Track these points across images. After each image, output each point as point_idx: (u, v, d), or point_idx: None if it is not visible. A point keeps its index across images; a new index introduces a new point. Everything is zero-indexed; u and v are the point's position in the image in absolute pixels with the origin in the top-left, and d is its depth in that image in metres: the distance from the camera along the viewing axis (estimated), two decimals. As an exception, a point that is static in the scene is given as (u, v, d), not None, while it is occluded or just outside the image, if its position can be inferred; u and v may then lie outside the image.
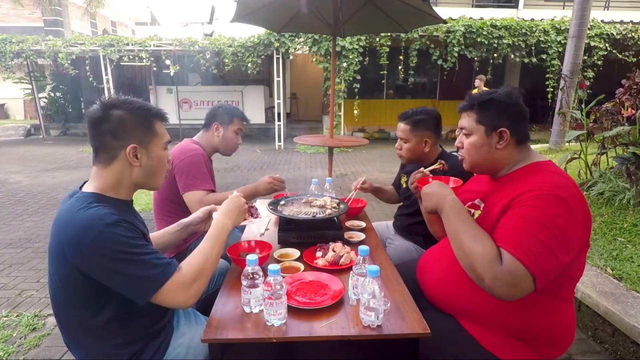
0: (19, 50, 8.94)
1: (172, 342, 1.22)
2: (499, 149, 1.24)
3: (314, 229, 1.65)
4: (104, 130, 1.08)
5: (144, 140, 1.12)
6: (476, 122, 1.26)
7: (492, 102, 1.24)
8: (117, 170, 1.10)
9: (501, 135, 1.23)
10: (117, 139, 1.08)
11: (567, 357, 1.99)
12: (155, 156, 1.15)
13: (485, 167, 1.30)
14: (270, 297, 1.05)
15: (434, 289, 1.34)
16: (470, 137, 1.28)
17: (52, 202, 4.82)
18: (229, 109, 2.11)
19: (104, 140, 1.09)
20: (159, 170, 1.18)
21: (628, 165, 3.20)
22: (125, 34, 17.54)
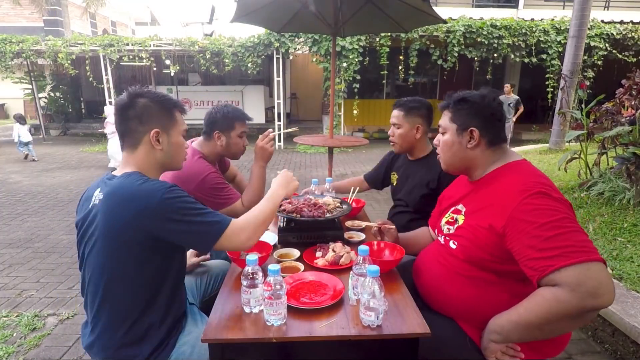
0: (19, 50, 8.95)
1: (178, 341, 1.24)
2: (469, 148, 1.26)
3: (314, 229, 1.65)
4: (130, 116, 1.21)
5: (166, 126, 1.25)
6: (450, 121, 1.30)
7: (465, 101, 1.27)
8: (143, 154, 1.23)
9: (471, 135, 1.25)
10: (142, 124, 1.21)
11: (567, 357, 1.99)
12: (175, 141, 1.28)
13: (457, 165, 1.32)
14: (270, 297, 1.05)
15: (429, 290, 1.34)
16: (445, 136, 1.32)
17: (52, 202, 4.82)
18: (227, 113, 1.94)
19: (130, 125, 1.21)
20: (178, 154, 1.31)
21: (628, 165, 3.20)
22: (125, 34, 17.54)
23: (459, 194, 1.38)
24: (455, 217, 1.32)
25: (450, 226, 1.33)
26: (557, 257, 0.98)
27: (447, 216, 1.37)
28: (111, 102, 8.97)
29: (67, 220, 4.14)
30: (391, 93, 11.76)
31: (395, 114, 1.98)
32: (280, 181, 1.44)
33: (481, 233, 1.17)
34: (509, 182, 1.17)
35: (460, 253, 1.24)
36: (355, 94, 8.96)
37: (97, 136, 10.47)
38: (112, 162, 6.74)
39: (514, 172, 1.20)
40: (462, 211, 1.30)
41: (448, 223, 1.35)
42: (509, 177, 1.19)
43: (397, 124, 1.97)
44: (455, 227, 1.30)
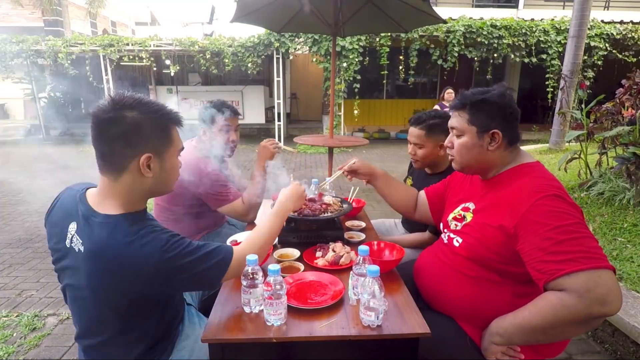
0: (19, 50, 8.94)
1: (176, 345, 1.23)
2: (490, 151, 1.22)
3: (314, 229, 1.65)
4: (114, 134, 0.95)
5: (160, 149, 1.01)
6: (468, 123, 1.23)
7: (485, 102, 1.21)
8: (128, 183, 1.00)
9: (493, 137, 1.21)
10: (130, 147, 0.97)
11: (567, 357, 1.99)
12: (169, 166, 1.06)
13: (475, 167, 1.29)
14: (270, 297, 1.05)
15: (430, 289, 1.34)
16: (462, 138, 1.26)
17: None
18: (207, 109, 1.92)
19: (113, 146, 0.96)
20: (171, 179, 1.10)
21: (628, 165, 3.19)
22: (125, 34, 17.53)
23: (469, 192, 1.36)
24: (463, 214, 1.31)
25: (457, 222, 1.32)
26: (568, 261, 0.97)
27: (455, 212, 1.35)
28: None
29: (67, 220, 4.13)
30: (391, 93, 11.76)
31: (416, 133, 1.84)
32: (288, 194, 1.39)
33: (489, 232, 1.16)
34: (522, 183, 1.15)
35: (464, 250, 1.23)
36: (355, 94, 8.95)
37: (97, 136, 10.45)
38: None
39: (527, 173, 1.19)
40: (471, 209, 1.29)
41: (455, 219, 1.34)
42: (522, 178, 1.18)
43: (419, 143, 1.84)
44: (462, 224, 1.29)
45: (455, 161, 1.31)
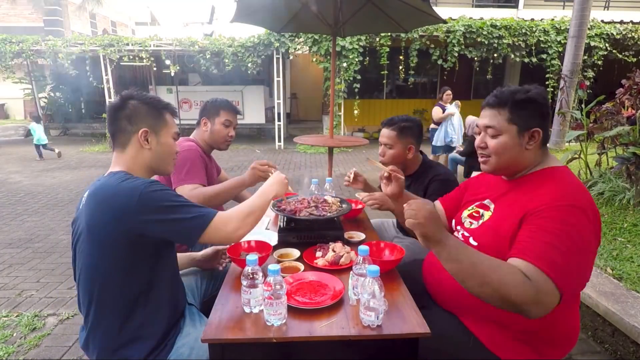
0: (19, 50, 8.94)
1: (176, 342, 1.24)
2: (528, 150, 1.19)
3: (314, 229, 1.65)
4: (120, 116, 1.24)
5: (155, 127, 1.26)
6: (508, 122, 1.18)
7: (530, 101, 1.17)
8: (131, 153, 1.24)
9: (532, 136, 1.17)
10: (130, 124, 1.23)
11: (567, 357, 1.99)
12: (165, 142, 1.29)
13: (511, 168, 1.24)
14: (270, 297, 1.05)
15: (438, 285, 1.33)
16: (499, 138, 1.20)
17: (52, 202, 4.82)
18: (215, 102, 2.08)
19: (120, 124, 1.24)
20: (168, 155, 1.31)
21: (628, 165, 3.20)
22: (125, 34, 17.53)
23: (487, 190, 1.34)
24: (481, 212, 1.28)
25: (473, 220, 1.30)
26: (549, 263, 0.99)
27: (471, 209, 1.33)
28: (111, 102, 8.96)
29: (67, 220, 4.14)
30: (391, 93, 11.76)
31: (387, 134, 1.93)
32: (271, 181, 1.45)
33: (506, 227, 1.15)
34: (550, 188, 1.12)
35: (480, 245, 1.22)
36: (355, 94, 8.96)
37: (97, 136, 10.47)
38: None
39: (556, 178, 1.16)
40: (490, 207, 1.27)
41: (471, 217, 1.32)
42: (551, 182, 1.15)
43: (389, 144, 1.93)
44: (480, 223, 1.26)
45: (489, 162, 1.24)
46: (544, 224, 1.04)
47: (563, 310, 1.14)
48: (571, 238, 1.01)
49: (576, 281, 1.05)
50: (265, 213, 1.35)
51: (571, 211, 1.04)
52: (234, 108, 2.11)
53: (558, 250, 1.00)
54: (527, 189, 1.18)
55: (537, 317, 0.99)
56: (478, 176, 1.49)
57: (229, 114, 2.08)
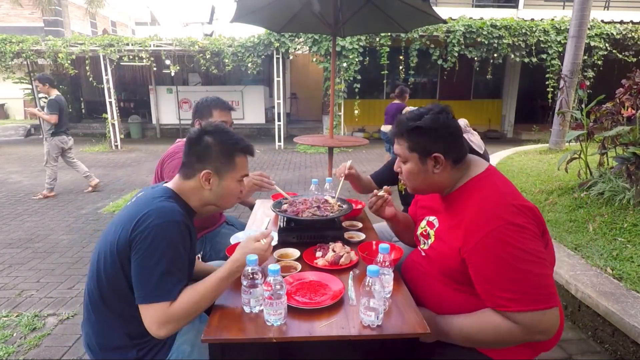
0: (19, 50, 8.94)
1: (177, 339, 1.24)
2: (437, 174, 1.22)
3: (314, 229, 1.65)
4: (193, 150, 1.24)
5: (220, 169, 1.24)
6: (409, 150, 1.23)
7: (419, 129, 1.19)
8: (191, 186, 1.24)
9: (436, 160, 1.20)
10: (199, 161, 1.23)
11: (567, 357, 1.99)
12: (227, 186, 1.26)
13: (428, 190, 1.30)
14: (270, 297, 1.05)
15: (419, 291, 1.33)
16: (407, 165, 1.26)
17: (52, 202, 4.82)
18: (206, 102, 2.02)
19: (190, 158, 1.24)
20: (227, 198, 1.29)
21: (628, 165, 3.19)
22: (125, 34, 17.54)
23: (434, 205, 1.37)
24: (428, 230, 1.33)
25: (424, 239, 1.35)
26: (517, 300, 1.03)
27: (422, 226, 1.38)
28: (111, 102, 8.96)
29: (67, 220, 4.14)
30: (391, 93, 11.75)
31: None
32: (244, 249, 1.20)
33: (448, 254, 1.19)
34: (477, 203, 1.15)
35: (435, 267, 1.27)
36: (355, 94, 8.96)
37: (97, 136, 10.48)
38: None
39: (480, 189, 1.18)
40: (435, 226, 1.31)
41: (422, 235, 1.37)
42: (476, 195, 1.17)
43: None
44: (429, 244, 1.32)
45: (407, 186, 1.32)
46: (490, 265, 1.07)
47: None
48: (518, 259, 1.04)
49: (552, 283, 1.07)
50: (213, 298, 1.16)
51: (506, 232, 1.05)
52: (226, 106, 2.05)
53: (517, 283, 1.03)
54: (457, 207, 1.21)
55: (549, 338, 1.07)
56: None
57: (221, 113, 2.02)
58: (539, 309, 1.02)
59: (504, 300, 1.05)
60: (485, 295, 1.09)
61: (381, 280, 1.08)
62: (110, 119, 8.99)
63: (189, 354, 1.21)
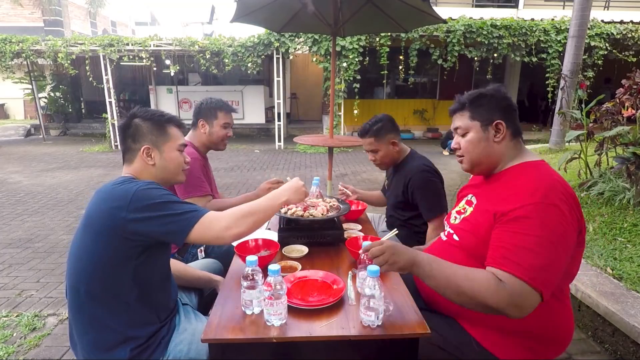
0: (19, 50, 8.93)
1: (172, 339, 1.24)
2: (496, 142, 1.24)
3: (314, 229, 1.65)
4: (127, 135, 1.30)
5: (157, 142, 1.30)
6: (470, 119, 1.27)
7: (483, 96, 1.25)
8: (138, 168, 1.29)
9: (497, 128, 1.23)
10: (134, 142, 1.28)
11: (567, 357, 1.99)
12: (169, 156, 1.32)
13: (485, 163, 1.28)
14: (271, 297, 1.05)
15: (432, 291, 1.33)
16: (467, 135, 1.28)
17: (52, 202, 4.82)
18: (211, 103, 2.05)
19: (127, 143, 1.30)
20: (174, 168, 1.34)
21: (628, 165, 3.19)
22: (125, 34, 17.53)
23: (474, 187, 1.38)
24: (466, 207, 1.33)
25: (457, 215, 1.35)
26: (520, 267, 1.03)
27: (460, 206, 1.38)
28: (111, 102, 8.96)
29: (67, 220, 4.14)
30: (391, 93, 11.76)
31: (367, 142, 2.02)
32: (286, 186, 1.37)
33: (481, 218, 1.19)
34: (528, 179, 1.16)
35: (461, 243, 1.26)
36: (355, 94, 8.95)
37: (97, 136, 10.47)
38: None
39: (529, 173, 1.19)
40: (473, 203, 1.30)
41: (458, 212, 1.36)
42: (523, 178, 1.18)
43: (374, 149, 2.02)
44: (462, 217, 1.31)
45: (464, 160, 1.31)
46: (516, 227, 1.08)
47: (555, 307, 1.16)
48: (545, 237, 1.04)
49: (556, 278, 1.06)
50: (269, 217, 1.28)
51: (544, 209, 1.06)
52: (230, 108, 2.10)
53: (532, 252, 1.03)
54: (502, 184, 1.22)
55: (518, 317, 1.04)
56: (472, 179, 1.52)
57: (226, 115, 2.06)
58: (533, 286, 1.02)
59: (509, 262, 1.05)
60: (493, 256, 1.09)
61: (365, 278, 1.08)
62: (110, 118, 8.99)
63: (186, 354, 1.21)
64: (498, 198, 1.18)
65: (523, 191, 1.12)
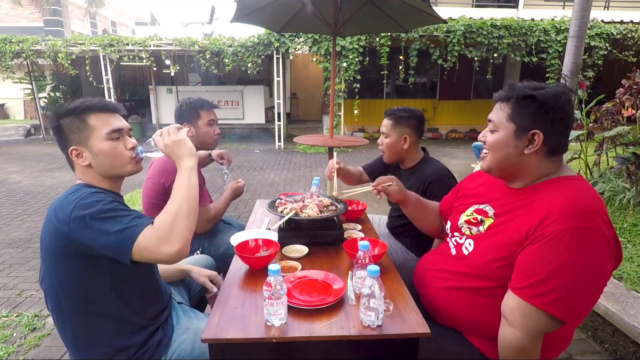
0: (19, 50, 8.93)
1: (175, 339, 1.23)
2: (525, 154, 1.08)
3: (314, 229, 1.65)
4: (57, 141, 1.16)
5: (80, 140, 1.13)
6: (507, 118, 1.09)
7: (533, 100, 1.05)
8: (80, 172, 1.16)
9: (532, 139, 1.06)
10: (64, 148, 1.15)
11: (567, 357, 1.99)
12: (100, 149, 1.13)
13: (507, 170, 1.14)
14: (271, 297, 1.05)
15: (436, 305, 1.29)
16: (496, 133, 1.12)
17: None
18: (191, 103, 1.98)
19: (61, 150, 1.16)
20: (114, 159, 1.15)
21: (628, 165, 3.19)
22: (125, 34, 17.53)
23: (487, 195, 1.25)
24: (479, 218, 1.21)
25: (472, 226, 1.23)
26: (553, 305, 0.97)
27: (469, 214, 1.26)
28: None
29: (67, 220, 4.13)
30: (391, 93, 11.75)
31: (385, 123, 1.98)
32: (185, 151, 1.15)
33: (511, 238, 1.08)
34: (569, 196, 1.02)
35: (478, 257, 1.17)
36: (355, 94, 8.95)
37: (97, 136, 10.46)
38: None
39: (568, 187, 1.05)
40: (489, 213, 1.19)
41: (469, 223, 1.24)
42: (561, 190, 1.05)
43: (386, 133, 1.97)
44: (480, 230, 1.20)
45: (486, 159, 1.17)
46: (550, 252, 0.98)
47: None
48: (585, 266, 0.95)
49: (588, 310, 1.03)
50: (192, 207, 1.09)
51: (585, 235, 0.95)
52: (211, 104, 2.04)
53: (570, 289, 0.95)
54: (534, 200, 1.08)
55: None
56: (473, 175, 1.44)
57: (209, 112, 2.00)
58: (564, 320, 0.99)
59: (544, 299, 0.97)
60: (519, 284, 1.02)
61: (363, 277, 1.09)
62: (110, 119, 8.98)
63: (190, 353, 1.21)
64: (529, 214, 1.05)
65: (556, 211, 0.99)
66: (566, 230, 0.96)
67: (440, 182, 1.84)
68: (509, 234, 1.09)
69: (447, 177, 1.88)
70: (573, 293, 0.97)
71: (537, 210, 1.04)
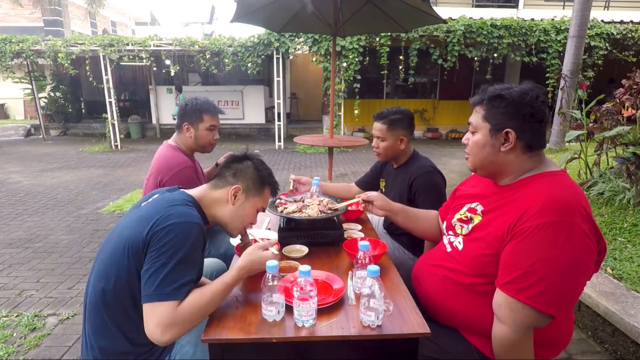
0: (19, 50, 8.93)
1: (177, 341, 1.23)
2: (503, 152, 1.13)
3: (314, 229, 1.65)
4: (232, 166, 1.33)
5: (249, 191, 1.31)
6: (482, 119, 1.16)
7: (501, 98, 1.12)
8: (216, 197, 1.29)
9: (506, 137, 1.12)
10: (234, 176, 1.31)
11: (567, 357, 1.99)
12: (248, 208, 1.31)
13: (489, 169, 1.20)
14: (303, 298, 1.03)
15: (432, 303, 1.30)
16: (475, 135, 1.18)
17: (52, 202, 4.82)
18: (196, 105, 1.96)
19: (226, 171, 1.32)
20: (240, 220, 1.32)
21: (628, 165, 3.19)
22: (125, 34, 17.54)
23: (477, 194, 1.30)
24: (470, 215, 1.25)
25: (463, 224, 1.26)
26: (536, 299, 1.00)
27: (462, 213, 1.30)
28: (111, 102, 8.96)
29: (67, 220, 4.14)
30: (391, 93, 11.76)
31: (378, 127, 1.98)
32: (250, 259, 1.20)
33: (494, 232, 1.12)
34: (548, 191, 1.06)
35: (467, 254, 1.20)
36: (355, 94, 8.95)
37: (97, 136, 10.47)
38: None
39: (553, 181, 1.09)
40: (478, 210, 1.23)
41: (461, 221, 1.28)
42: (547, 185, 1.08)
43: (381, 137, 1.97)
44: (470, 227, 1.23)
45: (469, 160, 1.23)
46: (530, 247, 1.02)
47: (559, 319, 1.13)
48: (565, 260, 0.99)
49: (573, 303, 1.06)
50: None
51: (562, 229, 0.99)
52: (216, 109, 2.01)
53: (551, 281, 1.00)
54: (516, 196, 1.12)
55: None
56: (470, 177, 1.45)
57: (212, 117, 1.98)
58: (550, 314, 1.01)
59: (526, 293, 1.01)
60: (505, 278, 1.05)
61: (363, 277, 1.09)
62: (110, 118, 8.99)
63: (193, 355, 1.21)
64: (511, 211, 1.10)
65: (536, 206, 1.03)
66: (543, 224, 1.01)
67: (423, 177, 1.87)
68: (494, 230, 1.13)
69: (431, 173, 1.89)
70: (554, 286, 1.00)
71: (518, 206, 1.08)
